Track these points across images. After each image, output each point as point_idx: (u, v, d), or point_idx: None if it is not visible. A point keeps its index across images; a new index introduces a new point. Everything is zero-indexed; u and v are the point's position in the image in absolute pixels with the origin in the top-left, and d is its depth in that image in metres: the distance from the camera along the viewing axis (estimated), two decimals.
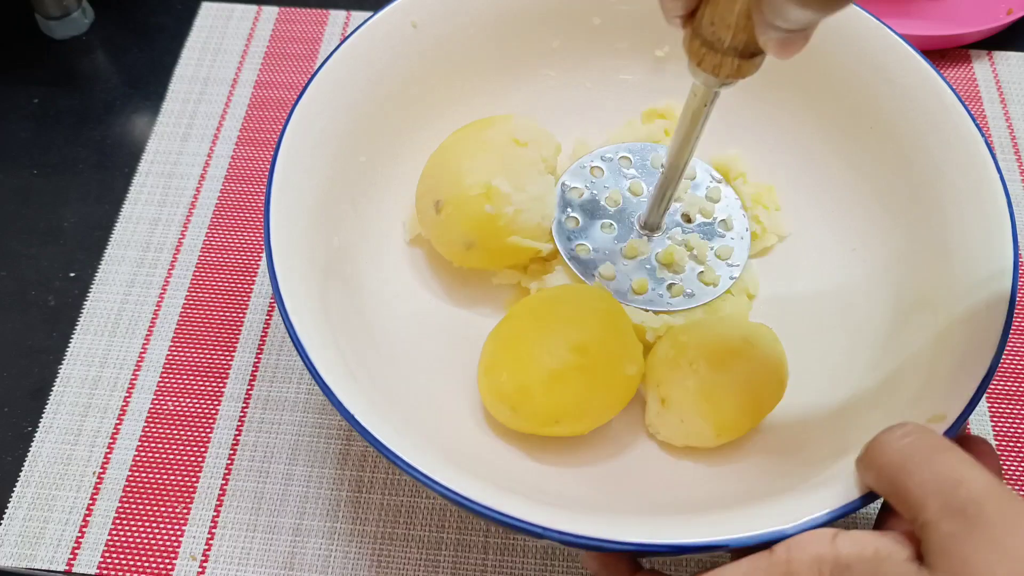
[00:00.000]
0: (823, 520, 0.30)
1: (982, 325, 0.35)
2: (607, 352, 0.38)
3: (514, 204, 0.42)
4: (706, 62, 0.32)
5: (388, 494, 0.43)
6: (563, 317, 0.39)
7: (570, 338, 0.38)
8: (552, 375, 0.37)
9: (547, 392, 0.38)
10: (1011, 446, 0.44)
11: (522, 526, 0.30)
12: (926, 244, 0.41)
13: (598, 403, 0.39)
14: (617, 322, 0.40)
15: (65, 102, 0.57)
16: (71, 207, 0.52)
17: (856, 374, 0.41)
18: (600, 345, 0.38)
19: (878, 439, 0.29)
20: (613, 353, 0.39)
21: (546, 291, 0.42)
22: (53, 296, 0.49)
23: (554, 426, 0.38)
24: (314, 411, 0.45)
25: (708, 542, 0.30)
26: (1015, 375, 0.47)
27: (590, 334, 0.38)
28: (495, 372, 0.39)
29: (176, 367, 0.46)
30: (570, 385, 0.38)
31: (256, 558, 0.41)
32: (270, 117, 0.56)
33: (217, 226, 0.52)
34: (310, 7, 0.61)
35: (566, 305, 0.40)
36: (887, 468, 0.28)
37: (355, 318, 0.41)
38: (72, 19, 0.59)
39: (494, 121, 0.44)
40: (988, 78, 0.58)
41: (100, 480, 0.43)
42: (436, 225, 0.43)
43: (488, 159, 0.42)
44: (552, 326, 0.39)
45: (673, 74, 0.50)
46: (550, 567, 0.41)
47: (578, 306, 0.40)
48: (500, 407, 0.39)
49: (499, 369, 0.39)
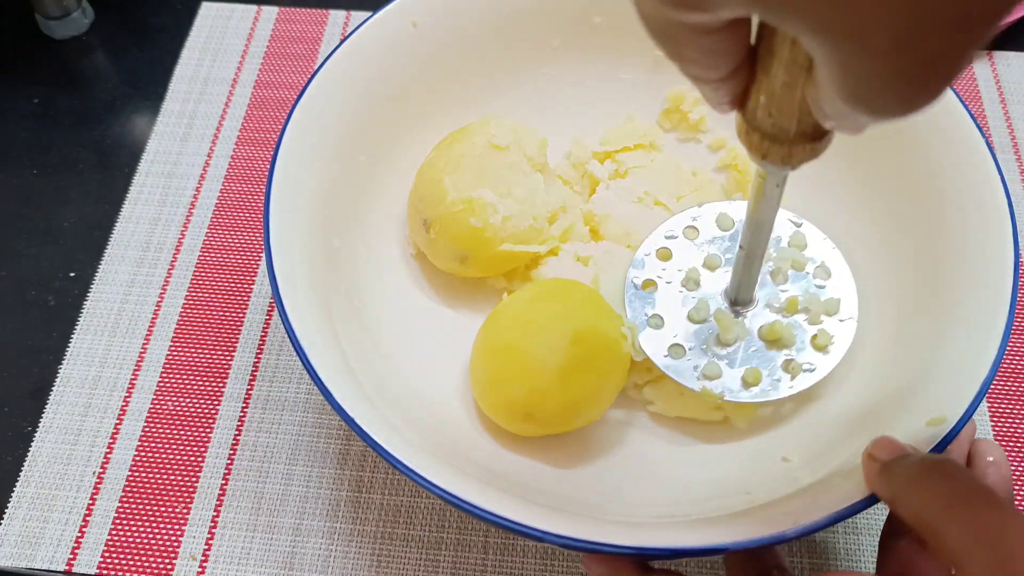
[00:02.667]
0: (824, 523, 0.30)
1: (982, 326, 0.35)
2: (602, 335, 0.39)
3: (501, 212, 0.42)
4: (773, 155, 0.28)
5: (388, 494, 0.43)
6: (551, 314, 0.39)
7: (566, 332, 0.38)
8: (562, 372, 0.38)
9: (562, 390, 0.38)
10: (1011, 446, 0.44)
11: (522, 530, 0.30)
12: (926, 244, 0.41)
13: (608, 385, 0.40)
14: (599, 304, 0.40)
15: (65, 102, 0.57)
16: (71, 207, 0.52)
17: (856, 375, 0.41)
18: (594, 331, 0.39)
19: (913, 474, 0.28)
20: (606, 335, 0.39)
21: (517, 295, 0.42)
22: (53, 296, 0.49)
23: (574, 420, 0.39)
24: (314, 411, 0.45)
25: (708, 545, 0.30)
26: (1015, 375, 0.47)
27: (582, 323, 0.39)
28: (501, 385, 0.39)
29: (176, 367, 0.46)
30: (580, 377, 0.38)
31: (256, 558, 0.41)
32: (270, 117, 0.56)
33: (217, 226, 0.51)
34: (310, 7, 0.61)
35: (547, 303, 0.40)
36: (926, 510, 0.27)
37: (354, 319, 0.41)
38: (72, 19, 0.59)
39: (470, 129, 0.44)
40: (988, 78, 0.58)
41: (100, 480, 0.43)
42: (428, 243, 0.44)
43: (467, 172, 0.42)
44: (544, 326, 0.39)
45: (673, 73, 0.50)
46: (550, 567, 0.41)
47: (559, 300, 0.40)
48: (512, 418, 0.39)
49: (505, 381, 0.39)
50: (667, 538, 0.30)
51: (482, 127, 0.44)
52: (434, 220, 0.43)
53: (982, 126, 0.46)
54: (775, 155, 0.28)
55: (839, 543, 0.41)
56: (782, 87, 0.26)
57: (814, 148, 0.28)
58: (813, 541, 0.41)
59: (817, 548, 0.41)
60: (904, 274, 0.42)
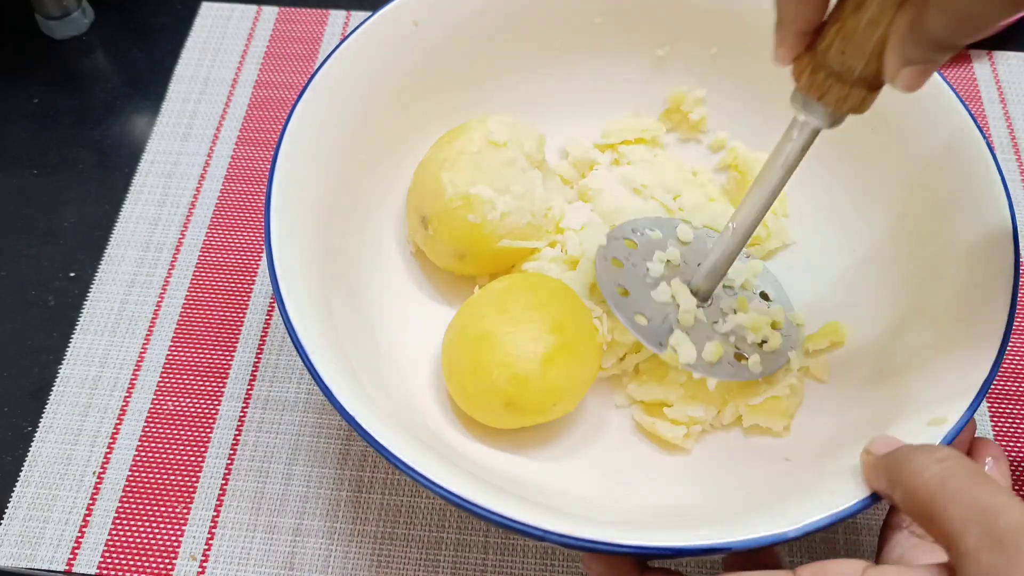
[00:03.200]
0: (824, 523, 0.30)
1: (983, 326, 0.35)
2: (579, 325, 0.40)
3: (499, 208, 0.42)
4: (831, 94, 0.30)
5: (388, 494, 0.43)
6: (529, 304, 0.40)
7: (546, 321, 0.39)
8: (544, 359, 0.38)
9: (543, 377, 0.38)
10: (1011, 446, 0.44)
11: (523, 529, 0.30)
12: (927, 245, 0.41)
13: (584, 374, 0.40)
14: (572, 296, 0.41)
15: (65, 102, 0.57)
16: (71, 207, 0.52)
17: (857, 375, 0.41)
18: (572, 320, 0.40)
19: (909, 458, 0.28)
20: (583, 324, 0.40)
21: (488, 287, 0.42)
22: (53, 296, 0.49)
23: (551, 409, 0.39)
24: (314, 411, 0.45)
25: (708, 545, 0.30)
26: (1015, 375, 0.47)
27: (560, 312, 0.40)
28: (481, 374, 0.39)
29: (176, 367, 0.46)
30: (560, 365, 0.39)
31: (256, 558, 0.41)
32: (270, 117, 0.56)
33: (217, 226, 0.51)
34: (310, 7, 0.61)
35: (524, 292, 0.40)
36: (921, 492, 0.27)
37: (355, 317, 0.41)
38: (72, 19, 0.59)
39: (468, 127, 0.44)
40: (988, 78, 0.58)
41: (100, 480, 0.43)
42: (427, 241, 0.44)
43: (465, 168, 0.42)
44: (523, 314, 0.39)
45: (673, 73, 0.50)
46: (550, 567, 0.41)
47: (536, 290, 0.41)
48: (492, 407, 0.39)
49: (485, 369, 0.38)
50: (667, 538, 0.30)
51: (480, 124, 0.44)
52: (432, 217, 0.43)
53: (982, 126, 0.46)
54: (833, 95, 0.30)
55: (839, 543, 0.41)
56: (867, 24, 0.28)
57: (866, 98, 0.30)
58: (813, 541, 0.41)
59: (817, 548, 0.41)
60: (904, 273, 0.42)
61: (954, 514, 0.25)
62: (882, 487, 0.30)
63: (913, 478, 0.27)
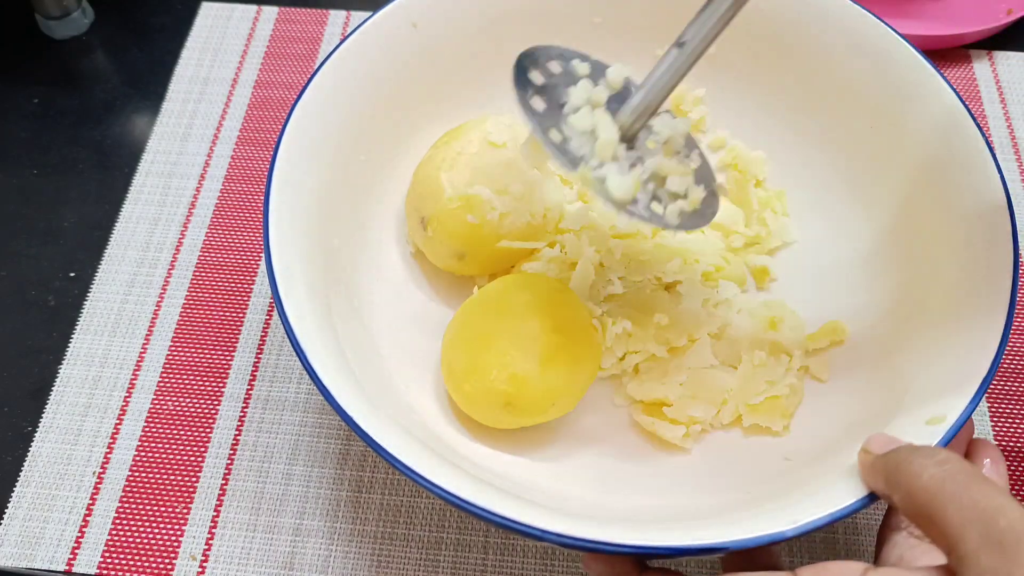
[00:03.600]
0: (823, 523, 0.30)
1: (982, 325, 0.35)
2: (578, 325, 0.40)
3: (498, 208, 0.42)
4: None
5: (388, 494, 0.43)
6: (528, 304, 0.40)
7: (545, 321, 0.39)
8: (543, 360, 0.38)
9: (542, 377, 0.38)
10: (1011, 446, 0.44)
11: (523, 529, 0.30)
12: (927, 244, 0.41)
13: (583, 375, 0.40)
14: (571, 297, 0.41)
15: (65, 102, 0.57)
16: (71, 207, 0.52)
17: (856, 374, 0.41)
18: (571, 321, 0.40)
19: (907, 460, 0.28)
20: (582, 325, 0.40)
21: (491, 286, 0.42)
22: (53, 296, 0.49)
23: (550, 409, 0.39)
24: (314, 411, 0.45)
25: (708, 544, 0.30)
26: (1015, 375, 0.47)
27: (559, 312, 0.40)
28: (480, 374, 0.39)
29: (176, 367, 0.46)
30: (560, 365, 0.39)
31: (256, 558, 0.41)
32: (270, 117, 0.56)
33: (217, 226, 0.51)
34: (310, 7, 0.61)
35: (523, 293, 0.40)
36: (920, 494, 0.27)
37: (354, 318, 0.41)
38: (72, 19, 0.59)
39: (467, 127, 0.44)
40: (988, 78, 0.58)
41: (100, 480, 0.43)
42: (426, 241, 0.44)
43: (464, 169, 0.42)
44: (522, 315, 0.39)
45: None
46: (550, 567, 0.41)
47: (534, 291, 0.40)
48: (491, 407, 0.39)
49: (484, 369, 0.39)
50: (666, 537, 0.30)
51: (479, 125, 0.44)
52: (431, 218, 0.43)
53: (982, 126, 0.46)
54: None
55: (839, 543, 0.41)
56: None
57: None
58: (813, 541, 0.41)
59: (817, 548, 0.41)
60: (904, 272, 0.42)
61: (953, 516, 0.25)
62: (880, 487, 0.30)
63: (912, 480, 0.27)
